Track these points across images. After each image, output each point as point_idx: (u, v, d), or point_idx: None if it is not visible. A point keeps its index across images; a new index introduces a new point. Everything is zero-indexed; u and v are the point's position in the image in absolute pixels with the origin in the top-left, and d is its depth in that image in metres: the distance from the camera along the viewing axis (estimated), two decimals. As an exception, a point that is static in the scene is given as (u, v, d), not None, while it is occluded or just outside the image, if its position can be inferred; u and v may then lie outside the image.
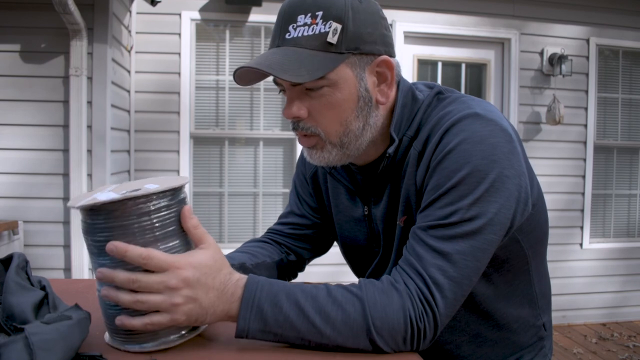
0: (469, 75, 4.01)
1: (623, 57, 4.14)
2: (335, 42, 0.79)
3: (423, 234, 0.78)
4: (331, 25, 0.78)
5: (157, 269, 0.66)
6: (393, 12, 3.70)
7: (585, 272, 4.06)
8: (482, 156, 0.77)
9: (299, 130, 0.86)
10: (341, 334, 0.70)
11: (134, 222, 0.67)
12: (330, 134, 0.85)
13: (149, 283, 0.66)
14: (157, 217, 0.68)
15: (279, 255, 1.06)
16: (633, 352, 3.44)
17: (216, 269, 0.71)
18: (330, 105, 0.82)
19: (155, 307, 0.67)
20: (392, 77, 0.86)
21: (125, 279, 0.66)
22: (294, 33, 0.79)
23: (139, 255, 0.65)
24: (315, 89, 0.81)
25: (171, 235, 0.70)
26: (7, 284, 0.68)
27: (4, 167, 2.81)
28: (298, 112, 0.84)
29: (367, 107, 0.85)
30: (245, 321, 0.70)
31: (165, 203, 0.69)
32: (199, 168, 3.65)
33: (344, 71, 0.81)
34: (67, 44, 2.75)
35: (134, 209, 0.67)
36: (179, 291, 0.67)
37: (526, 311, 0.97)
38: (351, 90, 0.83)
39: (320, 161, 0.88)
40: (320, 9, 0.79)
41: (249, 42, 3.70)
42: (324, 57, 0.79)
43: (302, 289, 0.73)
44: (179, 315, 0.68)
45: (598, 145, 4.09)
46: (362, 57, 0.82)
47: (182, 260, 0.68)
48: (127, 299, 0.66)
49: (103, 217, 0.67)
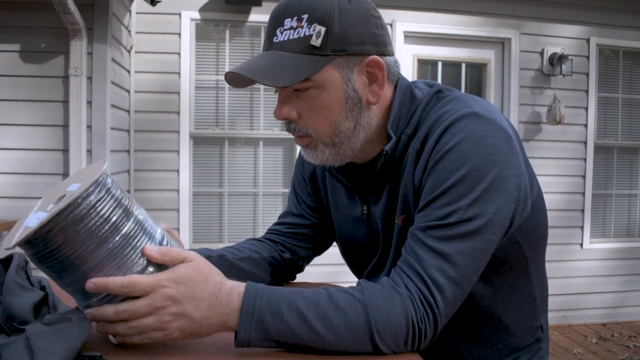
0: (469, 75, 4.01)
1: (623, 57, 4.14)
2: (319, 45, 0.80)
3: (422, 234, 0.77)
4: (315, 28, 0.79)
5: (142, 293, 0.67)
6: (393, 12, 3.69)
7: (585, 272, 4.06)
8: (481, 156, 0.77)
9: (291, 131, 0.88)
10: (344, 340, 0.70)
11: (78, 231, 0.64)
12: (320, 134, 0.86)
13: (136, 309, 0.67)
14: (96, 214, 0.65)
15: (270, 253, 1.06)
16: (633, 352, 3.44)
17: (202, 281, 0.70)
18: (317, 106, 0.83)
19: (149, 329, 0.67)
20: (383, 77, 0.86)
21: (113, 313, 0.67)
22: (280, 37, 0.81)
23: (121, 285, 0.66)
24: (303, 90, 0.82)
25: (120, 224, 0.67)
26: (7, 284, 0.68)
27: (4, 167, 2.80)
28: (288, 113, 0.85)
29: (356, 107, 0.85)
30: (246, 332, 0.69)
31: (95, 198, 0.65)
32: (199, 168, 3.65)
33: (330, 73, 0.82)
34: (67, 44, 2.75)
35: (70, 220, 0.63)
36: (166, 309, 0.67)
37: (525, 312, 0.96)
38: (338, 92, 0.83)
39: (316, 160, 0.89)
40: (305, 12, 0.80)
41: (248, 42, 3.70)
42: (308, 60, 0.80)
43: (303, 295, 0.72)
44: (172, 331, 0.68)
45: (598, 145, 4.09)
46: (349, 57, 0.82)
47: (164, 279, 0.68)
48: (122, 329, 0.67)
49: (44, 242, 0.63)
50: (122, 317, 0.67)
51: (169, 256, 0.70)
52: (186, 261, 0.71)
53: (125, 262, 0.67)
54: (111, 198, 0.68)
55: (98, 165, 0.72)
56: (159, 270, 0.69)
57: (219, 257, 0.96)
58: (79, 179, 0.71)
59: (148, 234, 0.70)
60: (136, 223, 0.69)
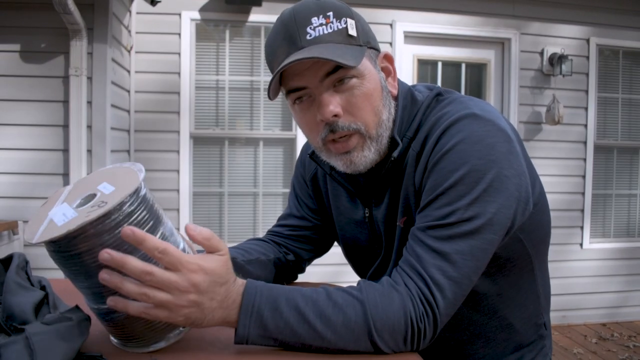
0: (469, 75, 4.01)
1: (623, 57, 4.14)
2: (355, 35, 0.82)
3: (422, 234, 0.78)
4: (346, 21, 0.81)
5: (169, 265, 0.64)
6: (393, 12, 3.70)
7: (585, 272, 4.06)
8: (480, 156, 0.77)
9: (338, 132, 0.83)
10: (342, 338, 0.70)
11: (105, 240, 0.61)
12: (369, 126, 0.84)
13: (162, 280, 0.63)
14: (128, 224, 0.63)
15: (275, 254, 1.05)
16: (633, 352, 3.44)
17: (226, 279, 0.69)
18: (364, 95, 0.83)
19: (159, 304, 0.64)
20: (394, 70, 0.90)
21: (140, 268, 0.62)
22: (314, 33, 0.80)
23: (155, 247, 0.62)
24: (345, 80, 0.81)
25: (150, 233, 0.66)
26: (7, 284, 0.68)
27: (4, 167, 2.81)
28: (336, 108, 0.81)
29: (388, 97, 0.88)
30: (245, 328, 0.69)
31: (128, 209, 0.63)
32: (199, 168, 3.65)
33: (366, 62, 0.84)
34: (67, 44, 2.75)
35: (99, 230, 0.61)
36: (186, 294, 0.65)
37: (529, 310, 0.97)
38: (376, 80, 0.85)
39: (360, 164, 0.86)
40: (328, 10, 0.81)
41: (249, 42, 3.70)
42: (352, 49, 0.81)
43: (301, 293, 0.72)
44: (179, 316, 0.66)
45: (598, 145, 4.09)
46: (373, 51, 0.86)
47: (195, 264, 0.66)
48: (133, 288, 0.62)
49: (67, 246, 0.61)
50: (144, 278, 0.62)
51: (214, 239, 0.68)
52: (220, 253, 0.69)
53: None
54: (144, 209, 0.65)
55: (134, 169, 0.69)
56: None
57: (231, 259, 0.96)
58: (112, 179, 0.68)
59: (174, 246, 0.69)
60: (162, 236, 0.68)
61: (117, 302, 0.64)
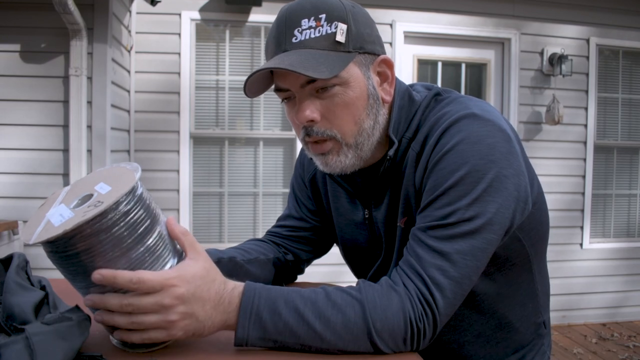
0: (469, 75, 4.01)
1: (623, 57, 4.14)
2: (343, 42, 0.80)
3: (422, 234, 0.78)
4: (337, 25, 0.80)
5: (150, 290, 0.64)
6: (393, 12, 3.69)
7: (585, 272, 4.05)
8: (480, 156, 0.77)
9: (312, 136, 0.84)
10: (342, 338, 0.70)
11: (101, 240, 0.62)
12: (346, 135, 0.84)
13: (143, 305, 0.64)
14: (125, 223, 0.63)
15: (274, 254, 1.05)
16: (633, 352, 3.44)
17: (210, 280, 0.69)
18: (344, 104, 0.82)
19: (151, 326, 0.66)
20: (392, 76, 0.88)
21: (117, 304, 0.64)
22: (300, 36, 0.80)
23: (129, 280, 0.63)
24: (328, 88, 0.81)
25: (146, 235, 0.66)
26: (7, 284, 0.68)
27: (4, 167, 2.81)
28: (312, 114, 0.82)
29: (375, 104, 0.86)
30: (244, 330, 0.69)
31: (125, 208, 0.63)
32: (199, 168, 3.65)
33: (353, 70, 0.82)
34: (67, 44, 2.75)
35: (96, 229, 0.62)
36: (174, 309, 0.66)
37: (529, 309, 0.97)
38: (362, 88, 0.83)
39: (336, 167, 0.86)
40: (322, 12, 0.80)
41: (249, 42, 3.70)
42: (336, 56, 0.80)
43: (300, 294, 0.72)
44: (176, 331, 0.67)
45: (598, 145, 4.09)
46: (366, 56, 0.84)
47: (174, 277, 0.66)
48: (123, 321, 0.65)
49: (64, 246, 0.62)
50: (125, 310, 0.64)
51: (189, 236, 0.71)
52: (193, 256, 0.70)
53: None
54: (141, 208, 0.66)
55: (130, 169, 0.69)
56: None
57: (230, 259, 0.95)
58: (109, 179, 0.69)
59: (171, 245, 0.70)
60: (159, 235, 0.68)
61: (122, 334, 0.67)
